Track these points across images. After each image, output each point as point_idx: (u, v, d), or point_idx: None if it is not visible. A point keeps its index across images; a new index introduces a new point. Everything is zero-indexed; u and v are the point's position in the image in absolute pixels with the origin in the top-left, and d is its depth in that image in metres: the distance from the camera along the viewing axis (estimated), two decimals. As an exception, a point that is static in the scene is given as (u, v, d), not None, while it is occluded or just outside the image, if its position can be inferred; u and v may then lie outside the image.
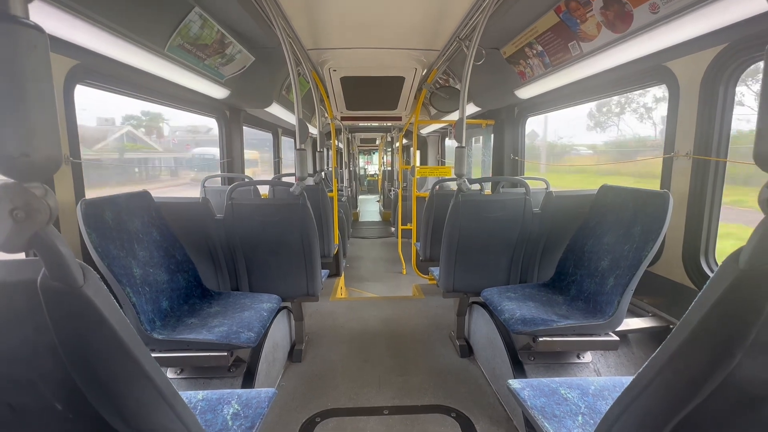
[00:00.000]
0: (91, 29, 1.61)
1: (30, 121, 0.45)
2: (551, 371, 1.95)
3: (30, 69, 0.45)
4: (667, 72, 2.00)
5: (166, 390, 0.66)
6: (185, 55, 2.28)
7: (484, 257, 2.40)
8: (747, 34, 1.59)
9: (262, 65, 3.05)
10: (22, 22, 0.45)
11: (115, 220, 1.68)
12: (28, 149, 0.45)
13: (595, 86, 2.60)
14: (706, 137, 1.85)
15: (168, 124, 10.99)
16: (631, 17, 1.76)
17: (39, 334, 0.54)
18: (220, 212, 2.25)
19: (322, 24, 2.35)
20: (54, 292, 0.52)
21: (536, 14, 2.26)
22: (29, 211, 0.46)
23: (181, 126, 13.98)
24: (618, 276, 1.77)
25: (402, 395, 2.12)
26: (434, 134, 7.72)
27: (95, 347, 0.57)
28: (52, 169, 0.49)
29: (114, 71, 2.15)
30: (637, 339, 2.18)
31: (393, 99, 4.15)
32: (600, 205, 2.05)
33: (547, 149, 6.53)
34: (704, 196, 1.89)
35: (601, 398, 1.27)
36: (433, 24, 2.34)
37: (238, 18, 2.30)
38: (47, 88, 0.47)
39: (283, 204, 2.26)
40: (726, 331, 0.57)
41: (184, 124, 13.92)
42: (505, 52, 2.86)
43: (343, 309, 3.31)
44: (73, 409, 0.61)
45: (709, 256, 1.93)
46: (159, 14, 1.94)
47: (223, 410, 1.21)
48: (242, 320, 1.83)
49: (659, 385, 0.67)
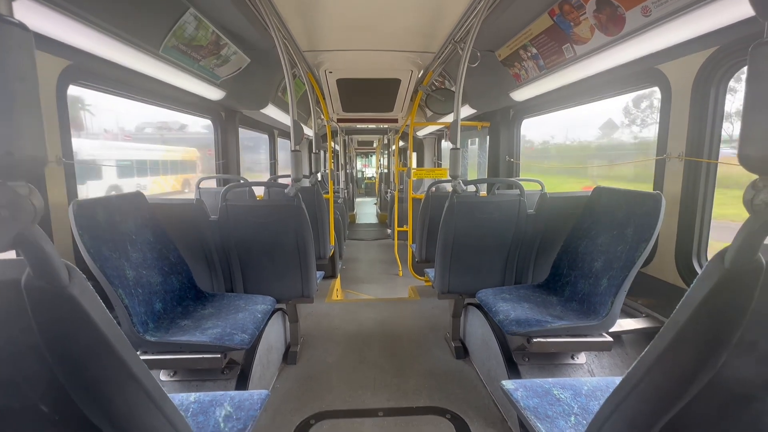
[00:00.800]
0: (84, 30, 1.61)
1: (14, 120, 0.45)
2: (545, 372, 1.95)
3: (15, 67, 0.45)
4: (659, 74, 2.02)
5: (155, 392, 0.66)
6: (180, 56, 2.28)
7: (479, 258, 2.41)
8: (738, 37, 1.60)
9: (257, 67, 3.05)
10: (6, 20, 0.45)
11: (107, 221, 1.67)
12: (11, 147, 0.45)
13: (588, 88, 2.62)
14: (697, 139, 1.86)
15: (91, 112, 10.57)
16: (624, 20, 1.78)
17: (23, 335, 0.53)
18: (214, 214, 2.24)
19: (317, 26, 2.36)
20: (39, 291, 0.51)
21: (530, 17, 2.27)
22: (13, 210, 0.46)
23: (150, 121, 13.68)
24: (611, 277, 1.78)
25: (397, 397, 2.11)
26: (430, 136, 7.74)
27: (81, 348, 0.56)
28: (37, 168, 0.49)
29: (108, 72, 2.14)
30: (630, 339, 2.19)
31: (389, 101, 4.16)
32: (594, 207, 2.06)
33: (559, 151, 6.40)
34: (696, 197, 1.91)
35: (594, 398, 1.27)
36: (429, 26, 2.35)
37: (233, 19, 2.30)
38: (32, 87, 0.47)
39: (277, 205, 2.26)
40: (712, 330, 0.58)
41: (154, 120, 13.68)
42: (499, 54, 2.88)
43: (339, 311, 3.30)
44: (59, 411, 0.60)
45: (701, 257, 1.95)
46: (154, 15, 1.94)
47: (215, 412, 1.20)
48: (236, 322, 1.83)
49: (648, 385, 0.68)
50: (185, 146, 14.12)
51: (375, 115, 5.05)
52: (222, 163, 3.81)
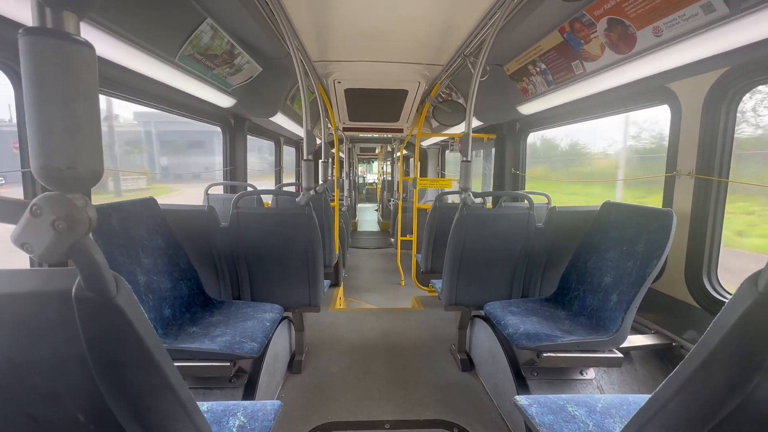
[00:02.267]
0: (104, 37, 1.63)
1: (79, 137, 0.46)
2: (554, 387, 1.94)
3: (82, 85, 0.46)
4: (669, 93, 2.05)
5: (188, 402, 0.66)
6: (195, 65, 2.31)
7: (487, 271, 2.41)
8: (749, 59, 1.63)
9: (268, 75, 3.09)
10: (75, 39, 0.46)
11: (121, 226, 1.68)
12: (74, 163, 0.46)
13: (597, 105, 2.65)
14: (708, 157, 1.88)
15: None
16: (635, 39, 1.81)
17: (68, 345, 0.54)
18: (222, 220, 2.25)
19: (329, 37, 2.39)
20: (88, 302, 0.52)
21: (541, 33, 2.31)
22: (71, 222, 0.46)
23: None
24: (621, 293, 1.78)
25: (403, 409, 2.09)
26: (434, 146, 7.78)
27: (124, 358, 0.56)
28: (94, 181, 0.50)
29: (124, 79, 2.16)
30: (639, 356, 2.18)
31: (395, 111, 4.19)
32: (603, 222, 2.07)
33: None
34: (707, 215, 1.91)
35: (609, 416, 1.27)
36: (439, 40, 2.39)
37: (247, 30, 2.34)
38: (95, 104, 0.48)
39: (289, 213, 2.27)
40: (744, 353, 0.58)
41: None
42: (508, 68, 2.92)
43: (343, 320, 3.28)
44: (96, 420, 0.60)
45: (711, 275, 1.95)
46: (171, 24, 1.97)
47: (228, 422, 1.19)
48: (245, 330, 1.82)
49: (676, 407, 0.68)
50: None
51: (381, 125, 5.09)
52: (230, 170, 3.83)
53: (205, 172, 4.79)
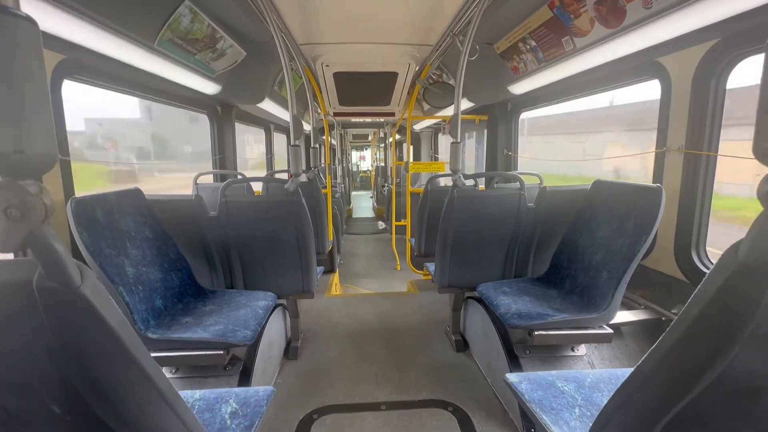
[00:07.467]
0: (78, 23, 1.57)
1: (25, 117, 0.44)
2: (546, 364, 1.97)
3: (24, 63, 0.44)
4: (659, 67, 2.02)
5: (167, 391, 0.65)
6: (175, 50, 2.24)
7: (479, 252, 2.41)
8: (738, 30, 1.60)
9: (253, 60, 3.01)
10: (15, 13, 0.43)
11: (106, 218, 1.65)
12: (22, 146, 0.44)
13: (588, 81, 2.62)
14: (697, 132, 1.87)
15: None
16: (624, 13, 1.77)
17: (35, 336, 0.52)
18: (212, 209, 2.22)
19: (315, 19, 2.32)
20: (51, 292, 0.50)
21: (530, 9, 2.26)
22: (24, 210, 0.44)
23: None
24: (611, 270, 1.79)
25: (399, 390, 2.12)
26: (427, 130, 7.71)
27: (94, 349, 0.55)
28: (47, 166, 0.47)
29: (103, 66, 2.10)
30: (629, 331, 2.21)
31: (386, 94, 4.13)
32: (593, 200, 2.07)
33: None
34: (695, 190, 1.92)
35: (597, 390, 1.29)
36: (427, 19, 2.33)
37: (229, 12, 2.27)
38: (41, 83, 0.46)
39: (277, 201, 2.24)
40: (725, 323, 0.58)
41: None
42: (498, 47, 2.86)
43: (339, 305, 3.30)
44: (72, 411, 0.59)
45: (700, 250, 1.97)
46: (148, 8, 1.90)
47: (221, 409, 1.20)
48: (238, 318, 1.82)
49: (658, 378, 0.68)
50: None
51: (372, 109, 5.02)
52: (218, 159, 3.77)
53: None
